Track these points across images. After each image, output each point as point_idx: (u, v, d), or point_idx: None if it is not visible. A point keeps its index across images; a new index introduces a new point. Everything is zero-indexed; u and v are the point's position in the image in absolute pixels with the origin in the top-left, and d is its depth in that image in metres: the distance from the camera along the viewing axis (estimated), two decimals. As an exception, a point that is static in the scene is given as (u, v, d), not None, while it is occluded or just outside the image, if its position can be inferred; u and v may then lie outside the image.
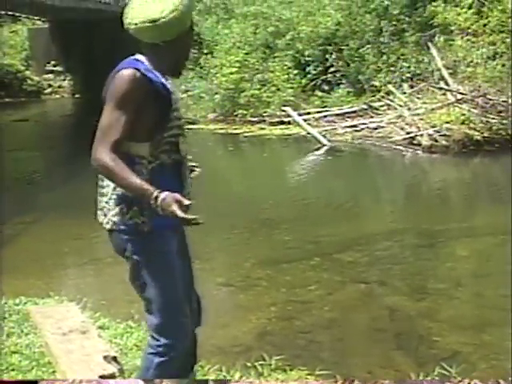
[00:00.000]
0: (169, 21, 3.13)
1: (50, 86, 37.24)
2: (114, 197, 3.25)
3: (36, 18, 38.90)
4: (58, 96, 36.25)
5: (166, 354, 3.36)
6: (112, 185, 3.23)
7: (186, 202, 3.11)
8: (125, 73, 3.14)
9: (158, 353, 3.36)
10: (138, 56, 3.27)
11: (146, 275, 3.31)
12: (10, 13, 36.13)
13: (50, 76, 37.40)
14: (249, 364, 4.84)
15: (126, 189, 3.14)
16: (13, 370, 4.40)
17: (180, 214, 3.06)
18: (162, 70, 3.27)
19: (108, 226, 3.29)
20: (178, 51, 3.28)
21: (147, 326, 3.51)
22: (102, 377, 3.97)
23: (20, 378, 4.26)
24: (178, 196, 3.09)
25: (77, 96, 33.72)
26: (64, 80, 37.02)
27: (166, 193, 3.07)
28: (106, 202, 3.29)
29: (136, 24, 3.16)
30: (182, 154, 3.42)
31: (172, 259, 3.36)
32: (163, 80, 3.28)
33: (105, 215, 3.30)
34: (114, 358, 4.25)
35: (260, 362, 4.85)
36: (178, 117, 3.40)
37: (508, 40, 16.11)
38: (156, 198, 3.06)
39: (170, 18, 3.13)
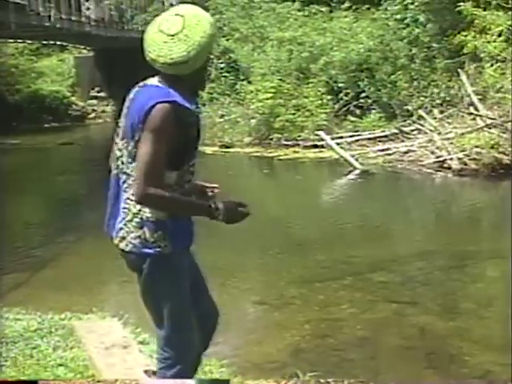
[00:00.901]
0: (195, 60, 3.15)
1: (93, 111, 37.66)
2: (137, 220, 3.21)
3: (82, 47, 39.43)
4: (101, 120, 36.59)
5: (174, 365, 3.35)
6: (134, 209, 3.20)
7: (241, 202, 3.27)
8: (164, 108, 3.10)
9: (168, 366, 3.36)
10: (158, 82, 3.24)
11: (160, 292, 3.31)
12: (58, 42, 36.69)
13: (94, 102, 37.84)
14: (283, 380, 4.82)
15: (180, 210, 3.21)
16: (59, 381, 4.42)
17: (247, 211, 3.25)
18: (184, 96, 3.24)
19: (128, 249, 3.24)
20: (196, 80, 3.29)
21: (157, 340, 3.50)
22: (142, 390, 3.99)
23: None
24: (232, 200, 3.25)
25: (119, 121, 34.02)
26: (107, 105, 37.41)
27: (220, 202, 3.20)
28: (125, 225, 3.25)
29: (162, 64, 3.16)
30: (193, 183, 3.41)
31: (184, 278, 3.35)
32: (194, 107, 3.29)
33: (123, 238, 3.25)
34: (154, 373, 4.25)
35: (294, 379, 4.84)
36: (200, 142, 3.41)
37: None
38: (216, 207, 3.18)
39: (196, 58, 3.15)
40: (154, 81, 3.28)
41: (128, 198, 3.23)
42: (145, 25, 40.28)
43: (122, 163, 3.26)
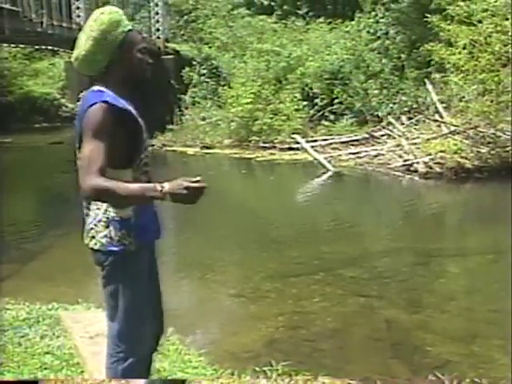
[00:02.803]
0: (79, 63, 3.19)
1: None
2: (104, 219, 3.17)
3: (72, 51, 39.22)
4: (89, 121, 36.39)
5: (126, 359, 3.27)
6: (102, 208, 3.16)
7: (192, 179, 2.99)
8: (95, 108, 3.05)
9: (120, 359, 3.27)
10: (98, 86, 3.20)
11: (119, 286, 3.24)
12: (49, 47, 36.50)
13: (83, 103, 37.63)
14: (258, 369, 4.81)
15: (129, 198, 3.01)
16: (46, 368, 4.40)
17: (193, 184, 2.96)
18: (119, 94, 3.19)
19: (96, 247, 3.19)
20: (118, 74, 3.20)
21: (108, 334, 3.35)
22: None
23: (52, 376, 4.26)
24: (181, 181, 2.97)
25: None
26: (95, 107, 37.22)
27: (167, 184, 2.96)
28: (95, 225, 3.19)
29: (71, 63, 3.24)
30: (151, 177, 3.31)
31: (143, 275, 3.28)
32: (127, 105, 3.20)
33: (93, 237, 3.20)
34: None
35: (268, 368, 4.83)
36: (146, 138, 3.30)
37: (496, 78, 16.14)
38: (162, 188, 2.95)
39: (79, 62, 3.18)
40: (94, 87, 3.23)
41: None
42: (132, 32, 40.17)
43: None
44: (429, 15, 17.80)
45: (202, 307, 7.37)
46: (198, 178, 2.99)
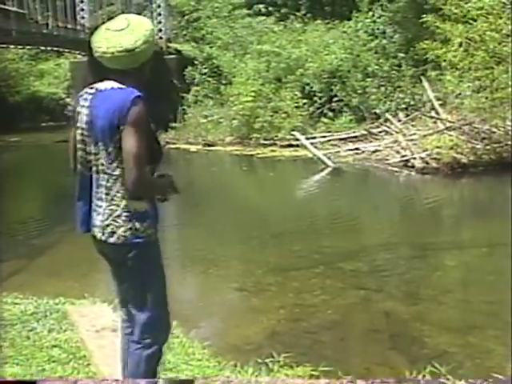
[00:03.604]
0: (142, 50, 3.16)
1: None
2: (126, 214, 3.16)
3: (77, 52, 39.21)
4: (94, 120, 36.41)
5: (151, 345, 3.31)
6: (122, 204, 3.15)
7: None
8: (140, 105, 3.09)
9: (145, 346, 3.30)
10: (113, 83, 3.22)
11: (147, 276, 3.27)
12: (55, 48, 36.49)
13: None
14: (260, 360, 4.81)
15: (160, 191, 3.26)
16: (53, 361, 4.40)
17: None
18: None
19: (119, 241, 3.17)
20: (140, 77, 3.25)
21: (136, 323, 3.33)
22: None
23: (59, 368, 4.26)
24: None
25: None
26: (100, 106, 37.23)
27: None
28: (113, 221, 3.17)
29: (112, 53, 3.16)
30: None
31: (162, 261, 3.36)
32: None
33: (113, 232, 3.18)
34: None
35: (270, 359, 4.83)
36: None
37: (491, 76, 16.12)
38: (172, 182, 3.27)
39: (142, 48, 3.16)
40: (107, 84, 3.24)
41: (115, 196, 3.16)
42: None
43: (102, 165, 3.18)
44: (425, 14, 17.76)
45: (205, 301, 7.37)
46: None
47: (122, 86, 3.17)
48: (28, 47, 35.86)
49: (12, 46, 34.44)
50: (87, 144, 3.24)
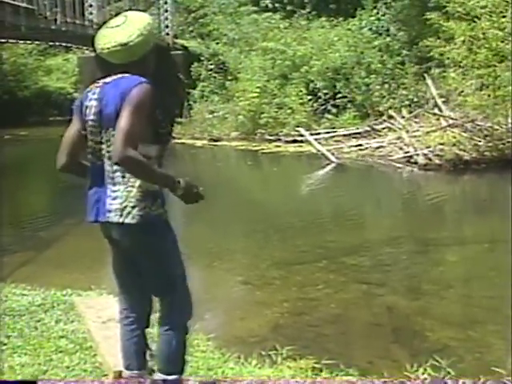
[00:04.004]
0: (136, 43, 3.23)
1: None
2: (139, 194, 3.21)
3: (85, 47, 39.23)
4: (101, 115, 36.47)
5: (180, 325, 3.40)
6: (136, 184, 3.20)
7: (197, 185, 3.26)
8: (142, 87, 3.15)
9: (174, 326, 3.37)
10: (118, 75, 3.29)
11: (171, 257, 3.34)
12: (63, 44, 36.52)
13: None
14: (263, 353, 4.81)
15: (152, 178, 3.17)
16: (61, 351, 4.41)
17: (202, 195, 3.25)
18: None
19: (134, 221, 3.20)
20: (144, 69, 3.30)
21: (161, 306, 3.39)
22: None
23: (66, 358, 4.27)
24: (190, 181, 3.23)
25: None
26: (107, 101, 37.26)
27: (183, 179, 3.20)
28: (129, 201, 3.21)
29: (108, 48, 3.27)
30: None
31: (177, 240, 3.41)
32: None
33: (128, 213, 3.21)
34: (147, 345, 4.23)
35: (273, 352, 4.83)
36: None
37: (493, 74, 16.11)
38: (179, 181, 3.17)
39: (137, 41, 3.23)
40: (114, 77, 3.32)
41: (130, 177, 3.20)
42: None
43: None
44: (428, 13, 17.73)
45: (209, 294, 7.36)
46: (201, 188, 3.26)
47: (129, 76, 3.25)
48: (37, 42, 35.91)
49: (21, 42, 34.51)
50: (97, 134, 3.30)
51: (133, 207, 3.22)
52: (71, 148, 3.41)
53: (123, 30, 3.24)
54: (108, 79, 3.33)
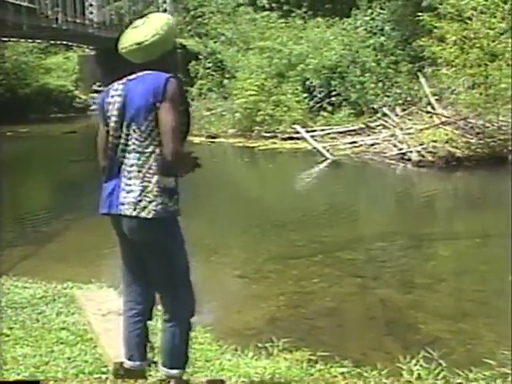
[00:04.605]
0: (151, 43, 3.25)
1: (94, 103, 37.50)
2: (157, 189, 3.22)
3: (85, 46, 39.19)
4: (101, 112, 36.42)
5: (183, 320, 3.40)
6: (154, 180, 3.22)
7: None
8: (175, 81, 3.22)
9: (178, 322, 3.38)
10: (140, 73, 3.32)
11: (175, 253, 3.37)
12: (64, 42, 36.46)
13: (95, 95, 37.65)
14: (260, 345, 4.82)
15: (191, 166, 3.34)
16: (62, 343, 4.42)
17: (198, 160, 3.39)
18: None
19: (150, 215, 3.21)
20: (163, 69, 3.29)
21: (165, 302, 3.40)
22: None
23: (67, 350, 4.28)
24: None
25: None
26: (107, 98, 37.23)
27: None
28: (145, 196, 3.22)
29: (126, 47, 3.28)
30: None
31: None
32: None
33: (144, 207, 3.22)
34: (146, 337, 4.24)
35: (269, 344, 4.84)
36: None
37: (485, 72, 16.16)
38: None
39: (152, 41, 3.24)
40: (138, 74, 3.33)
41: (147, 172, 3.23)
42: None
43: (134, 144, 3.27)
44: (421, 13, 17.74)
45: (207, 287, 7.36)
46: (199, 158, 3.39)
47: (154, 72, 3.27)
48: (38, 41, 35.87)
49: (23, 40, 34.46)
50: (117, 129, 3.32)
51: (150, 202, 3.23)
52: (105, 145, 3.42)
53: (140, 30, 3.27)
54: (132, 76, 3.35)
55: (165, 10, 35.83)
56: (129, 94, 3.29)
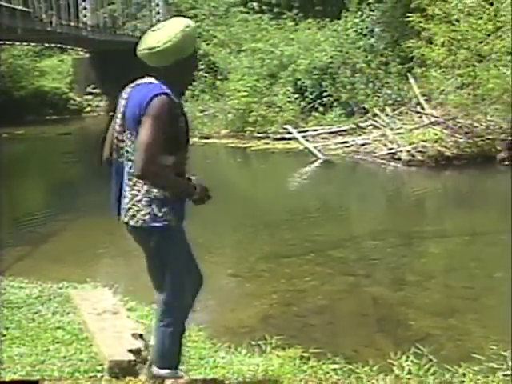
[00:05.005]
0: (163, 49, 3.19)
1: (89, 105, 37.47)
2: (146, 199, 3.23)
3: (79, 49, 39.09)
4: (95, 114, 36.40)
5: (175, 323, 3.40)
6: (142, 189, 3.22)
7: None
8: (161, 99, 3.14)
9: (170, 324, 3.39)
10: (151, 79, 3.27)
11: (165, 260, 3.33)
12: (58, 45, 36.36)
13: (89, 97, 37.63)
14: (253, 342, 4.82)
15: (172, 188, 3.23)
16: (57, 342, 4.41)
17: (210, 196, 3.32)
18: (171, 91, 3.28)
19: (138, 224, 3.25)
20: (178, 75, 3.28)
21: (158, 303, 3.47)
22: (130, 351, 3.96)
23: (63, 349, 4.27)
24: (204, 185, 3.30)
25: (111, 114, 33.65)
26: (101, 100, 37.19)
27: (197, 183, 3.28)
28: (134, 205, 3.25)
29: (140, 50, 3.24)
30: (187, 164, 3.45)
31: (185, 248, 3.40)
32: (181, 102, 3.33)
33: (133, 215, 3.26)
34: (141, 336, 4.24)
35: (263, 341, 4.84)
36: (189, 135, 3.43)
37: (473, 73, 16.21)
38: (195, 187, 3.24)
39: (163, 48, 3.18)
40: (145, 80, 3.31)
41: (137, 181, 3.23)
42: (134, 30, 40.11)
43: (127, 152, 3.28)
44: (410, 14, 17.77)
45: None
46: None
47: (156, 82, 3.24)
48: (33, 44, 35.77)
49: (17, 43, 34.36)
50: (121, 133, 3.33)
51: (138, 211, 3.25)
52: (110, 141, 3.43)
53: (156, 35, 3.22)
54: (141, 81, 3.34)
55: (158, 13, 35.78)
56: (129, 100, 3.29)
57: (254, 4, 27.32)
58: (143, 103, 3.16)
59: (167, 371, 3.43)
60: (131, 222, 3.28)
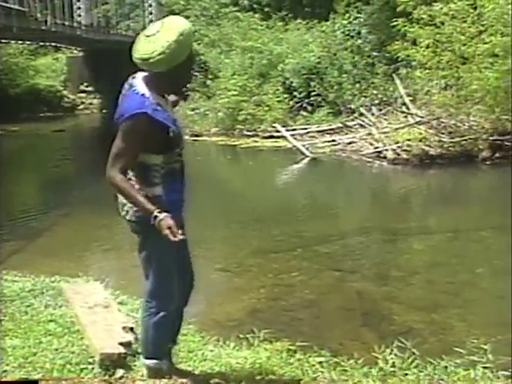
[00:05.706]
0: (156, 61, 3.13)
1: (82, 103, 37.35)
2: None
3: (73, 48, 38.94)
4: (88, 111, 36.30)
5: (157, 313, 3.41)
6: (136, 187, 3.27)
7: (177, 230, 3.10)
8: (136, 120, 3.13)
9: (151, 314, 3.42)
10: (140, 85, 3.23)
11: (151, 252, 3.38)
12: (53, 44, 36.19)
13: (83, 95, 37.53)
14: (241, 336, 4.81)
15: (131, 202, 3.23)
16: (50, 335, 4.39)
17: (171, 238, 3.09)
18: (163, 91, 3.29)
19: (133, 219, 3.33)
20: (172, 78, 3.23)
21: (144, 292, 3.52)
22: (121, 344, 3.95)
23: (55, 341, 4.25)
24: (171, 223, 3.09)
25: (104, 111, 33.69)
26: (94, 98, 37.10)
27: (163, 215, 3.10)
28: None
29: (135, 58, 3.19)
30: (183, 161, 3.43)
31: (172, 242, 3.26)
32: (167, 112, 3.26)
33: (127, 211, 3.35)
34: (131, 329, 4.23)
35: (251, 335, 4.83)
36: (183, 134, 3.43)
37: (456, 74, 16.26)
38: (155, 217, 3.12)
39: (158, 59, 3.12)
40: (139, 81, 3.27)
41: (129, 178, 3.27)
42: (127, 30, 39.96)
43: None
44: (396, 18, 17.78)
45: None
46: (182, 237, 3.11)
47: (145, 89, 3.21)
48: (28, 43, 35.58)
49: (13, 42, 34.17)
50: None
51: (131, 207, 3.30)
52: None
53: (149, 45, 3.14)
54: (134, 82, 3.30)
55: (150, 13, 35.67)
56: (123, 101, 3.29)
57: (245, 2, 27.29)
58: (124, 115, 3.18)
59: (152, 361, 3.44)
60: (127, 217, 3.36)
